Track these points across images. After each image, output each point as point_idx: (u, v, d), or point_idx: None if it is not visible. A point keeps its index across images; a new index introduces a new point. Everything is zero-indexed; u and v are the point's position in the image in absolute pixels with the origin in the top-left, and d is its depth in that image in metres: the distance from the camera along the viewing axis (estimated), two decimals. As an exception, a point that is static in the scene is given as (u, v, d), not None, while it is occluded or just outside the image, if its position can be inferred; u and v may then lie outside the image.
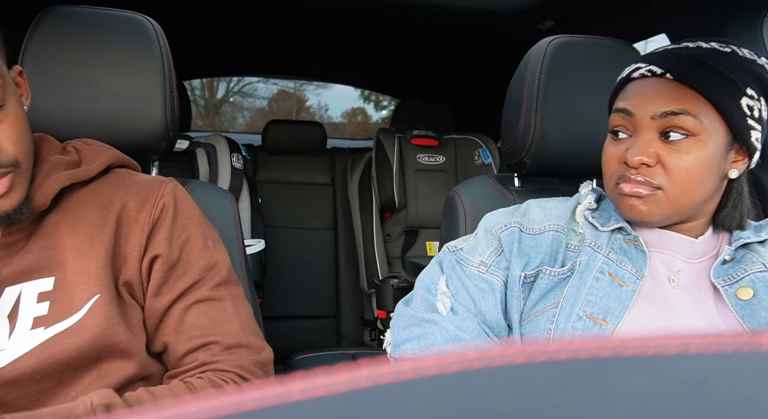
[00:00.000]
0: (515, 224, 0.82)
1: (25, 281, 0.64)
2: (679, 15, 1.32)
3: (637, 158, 0.72)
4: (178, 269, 0.71)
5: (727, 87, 0.72)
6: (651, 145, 0.73)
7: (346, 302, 2.36)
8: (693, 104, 0.72)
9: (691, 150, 0.72)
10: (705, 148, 0.72)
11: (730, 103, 0.72)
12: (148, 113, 0.96)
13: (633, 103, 0.75)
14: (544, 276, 0.78)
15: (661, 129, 0.73)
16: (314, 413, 0.14)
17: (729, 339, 0.17)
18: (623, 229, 0.79)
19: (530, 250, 0.80)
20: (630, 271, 0.75)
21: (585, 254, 0.77)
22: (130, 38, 0.96)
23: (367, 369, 0.16)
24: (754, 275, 0.73)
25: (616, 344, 0.17)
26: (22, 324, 0.62)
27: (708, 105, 0.72)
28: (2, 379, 0.59)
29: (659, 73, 0.74)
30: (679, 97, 0.72)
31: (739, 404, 0.15)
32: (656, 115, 0.72)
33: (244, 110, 7.34)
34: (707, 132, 0.72)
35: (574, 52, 1.05)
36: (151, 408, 0.15)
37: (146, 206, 0.71)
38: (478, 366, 0.16)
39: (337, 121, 7.36)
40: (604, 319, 0.72)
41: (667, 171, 0.72)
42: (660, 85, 0.74)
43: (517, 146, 1.06)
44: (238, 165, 2.00)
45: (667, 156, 0.72)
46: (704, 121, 0.72)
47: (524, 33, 1.72)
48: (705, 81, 0.72)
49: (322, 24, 2.00)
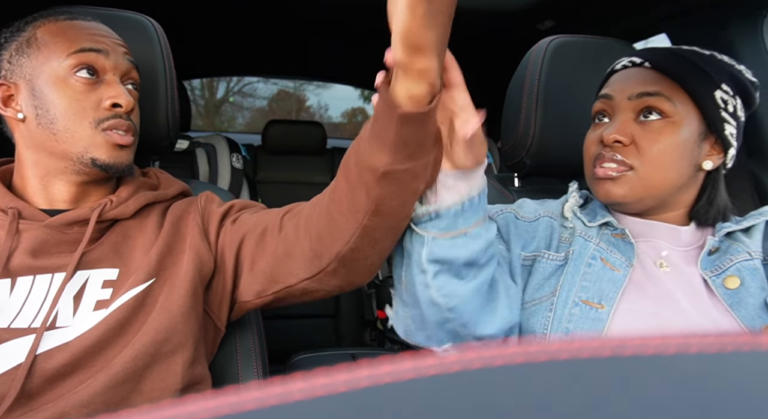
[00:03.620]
0: (510, 211, 0.85)
1: (94, 268, 0.73)
2: (679, 15, 1.32)
3: (612, 135, 0.76)
4: (245, 207, 0.83)
5: (702, 78, 0.76)
6: (627, 125, 0.77)
7: (346, 302, 2.36)
8: (668, 89, 0.76)
9: (664, 131, 0.75)
10: (678, 132, 0.76)
11: (704, 93, 0.76)
12: (148, 112, 0.96)
13: (613, 88, 0.81)
14: (542, 260, 0.80)
15: (637, 110, 0.77)
16: (314, 413, 0.14)
17: (729, 339, 0.17)
18: (610, 223, 0.81)
19: (527, 234, 0.82)
20: (620, 259, 0.77)
21: (577, 243, 0.79)
22: (131, 38, 0.96)
23: (367, 369, 0.16)
24: (740, 264, 0.75)
25: (616, 343, 0.17)
26: (85, 305, 0.71)
27: (683, 93, 0.76)
28: (70, 351, 0.67)
29: (639, 62, 0.81)
30: (656, 81, 0.77)
31: (739, 403, 0.15)
32: (633, 95, 0.77)
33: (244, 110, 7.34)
34: (680, 116, 0.76)
35: (574, 52, 1.05)
36: (151, 408, 0.15)
37: (193, 204, 0.84)
38: (478, 366, 0.16)
39: (337, 121, 7.36)
40: (599, 302, 0.74)
41: (639, 150, 0.76)
42: (639, 71, 0.80)
43: (517, 146, 1.06)
44: (238, 165, 1.99)
45: (640, 136, 0.76)
46: (678, 105, 0.76)
47: (524, 33, 1.72)
48: (681, 70, 0.77)
49: (322, 24, 2.00)
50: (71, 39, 0.75)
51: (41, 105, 0.74)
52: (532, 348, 0.16)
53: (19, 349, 0.66)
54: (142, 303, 0.73)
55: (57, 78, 0.74)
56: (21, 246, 0.71)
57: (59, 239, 0.74)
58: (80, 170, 0.76)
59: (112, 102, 0.75)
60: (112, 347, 0.70)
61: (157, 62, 0.96)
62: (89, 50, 0.75)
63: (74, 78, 0.74)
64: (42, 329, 0.67)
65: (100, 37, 0.77)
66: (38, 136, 0.75)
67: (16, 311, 0.68)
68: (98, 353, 0.69)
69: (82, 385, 0.67)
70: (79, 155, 0.74)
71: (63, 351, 0.67)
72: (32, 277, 0.70)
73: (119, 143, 0.76)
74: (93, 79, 0.75)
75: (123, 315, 0.71)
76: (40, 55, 0.74)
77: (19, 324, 0.68)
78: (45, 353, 0.66)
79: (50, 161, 0.76)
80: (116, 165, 0.76)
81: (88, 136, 0.74)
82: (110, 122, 0.75)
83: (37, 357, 0.66)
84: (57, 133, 0.74)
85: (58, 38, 0.75)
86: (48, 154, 0.75)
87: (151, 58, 0.96)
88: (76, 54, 0.74)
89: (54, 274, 0.71)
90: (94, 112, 0.74)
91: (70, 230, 0.75)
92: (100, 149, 0.75)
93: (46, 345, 0.67)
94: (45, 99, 0.74)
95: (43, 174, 0.77)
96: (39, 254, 0.72)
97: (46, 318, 0.68)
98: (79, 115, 0.74)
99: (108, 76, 0.76)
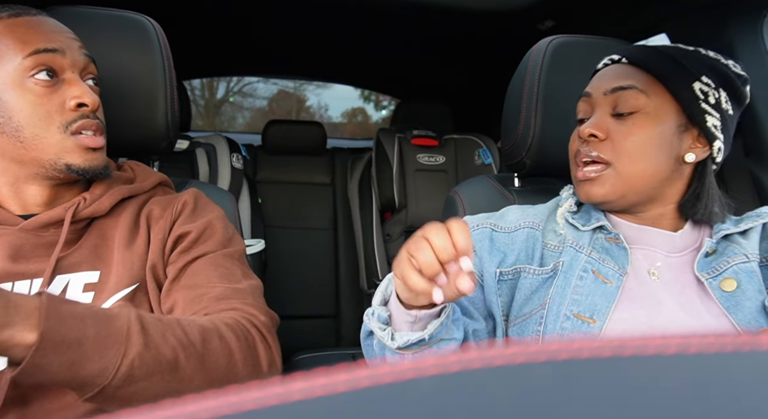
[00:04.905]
0: (487, 226, 0.84)
1: (74, 272, 0.72)
2: (679, 15, 1.32)
3: (587, 129, 0.78)
4: (200, 240, 0.78)
5: (678, 70, 0.77)
6: (603, 120, 0.78)
7: (346, 302, 2.36)
8: (643, 82, 0.77)
9: (638, 124, 0.76)
10: (654, 124, 0.76)
11: (680, 84, 0.76)
12: (148, 112, 0.96)
13: (592, 85, 0.83)
14: (528, 276, 0.79)
15: (613, 105, 0.78)
16: (314, 413, 0.14)
17: (729, 339, 0.17)
18: (604, 227, 0.80)
19: (505, 247, 0.82)
20: (613, 268, 0.76)
21: (567, 254, 0.78)
22: (131, 38, 0.96)
23: (367, 369, 0.16)
24: (737, 267, 0.74)
25: (616, 344, 0.17)
26: None
27: (659, 86, 0.77)
28: None
29: (617, 59, 0.83)
30: (630, 75, 0.78)
31: (738, 403, 0.15)
32: (608, 90, 0.79)
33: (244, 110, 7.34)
34: (655, 108, 0.76)
35: (574, 52, 1.05)
36: (151, 408, 0.15)
37: (168, 207, 0.81)
38: (478, 366, 0.16)
39: (337, 121, 7.36)
40: (591, 317, 0.73)
41: (614, 145, 0.76)
42: (615, 67, 0.82)
43: (517, 146, 1.06)
44: (238, 165, 2.00)
45: (615, 131, 0.77)
46: (653, 97, 0.76)
47: (524, 33, 1.72)
48: (657, 64, 0.78)
49: (322, 24, 2.00)
50: (23, 40, 0.71)
51: (2, 113, 0.71)
52: (532, 348, 0.16)
53: None
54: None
55: (14, 83, 0.70)
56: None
57: (35, 242, 0.72)
58: (53, 176, 0.74)
59: (76, 102, 0.72)
60: None
61: (157, 62, 0.96)
62: (45, 51, 0.71)
63: (33, 81, 0.71)
64: None
65: (52, 34, 0.74)
66: (4, 144, 0.72)
67: None
68: None
69: (77, 401, 0.66)
70: (51, 162, 0.72)
71: None
72: (11, 284, 0.69)
73: (91, 146, 0.74)
74: (52, 81, 0.72)
75: None
76: None
77: None
78: None
79: (19, 169, 0.73)
80: (92, 168, 0.74)
81: (57, 141, 0.72)
82: (78, 124, 0.73)
83: None
84: (24, 141, 0.71)
85: (9, 40, 0.71)
86: (16, 162, 0.73)
87: (150, 58, 0.96)
88: (32, 56, 0.71)
89: (33, 280, 0.70)
90: (59, 115, 0.72)
91: (46, 233, 0.73)
92: (73, 154, 0.73)
93: None
94: (5, 106, 0.71)
95: (12, 181, 0.74)
96: (16, 260, 0.70)
97: None
98: (45, 120, 0.71)
99: (67, 75, 0.73)
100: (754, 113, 1.16)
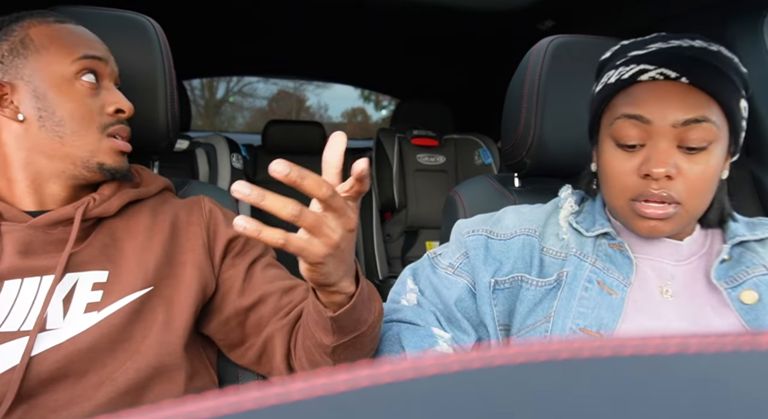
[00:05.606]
0: (483, 232, 0.82)
1: (83, 270, 0.73)
2: (679, 15, 1.32)
3: (663, 169, 0.67)
4: (249, 244, 0.86)
5: (731, 88, 0.69)
6: (671, 155, 0.68)
7: (346, 302, 2.35)
8: (710, 110, 0.68)
9: (711, 160, 0.68)
10: (715, 154, 0.69)
11: (735, 105, 0.69)
12: (148, 112, 0.96)
13: (650, 110, 0.69)
14: (530, 288, 0.76)
15: (680, 137, 0.68)
16: (314, 413, 0.14)
17: (729, 339, 0.17)
18: (608, 234, 0.77)
19: (501, 255, 0.79)
20: (617, 279, 0.74)
21: (571, 264, 0.76)
22: (131, 38, 0.96)
23: (367, 369, 0.16)
24: (757, 279, 0.71)
25: (616, 343, 0.17)
26: (75, 307, 0.71)
27: (719, 109, 0.69)
28: (63, 353, 0.68)
29: (674, 77, 0.69)
30: (697, 103, 0.68)
31: (738, 403, 0.15)
32: (678, 123, 0.68)
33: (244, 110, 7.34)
34: (720, 138, 0.69)
35: (574, 52, 1.05)
36: (151, 408, 0.15)
37: (195, 213, 0.85)
38: (478, 366, 0.16)
39: (337, 121, 7.36)
40: (598, 331, 0.71)
41: (687, 183, 0.68)
42: (676, 89, 0.69)
43: (517, 146, 1.06)
44: (238, 165, 2.00)
45: (686, 167, 0.68)
46: (721, 127, 0.69)
47: (524, 33, 1.72)
48: (717, 85, 0.69)
49: (322, 24, 2.00)
50: (73, 44, 0.77)
51: (46, 108, 0.74)
52: (532, 347, 0.16)
53: (11, 352, 0.66)
54: (138, 312, 0.73)
55: (63, 81, 0.75)
56: (5, 249, 0.71)
57: (44, 239, 0.73)
58: (80, 174, 0.77)
59: (115, 108, 0.78)
60: (110, 356, 0.70)
61: (157, 62, 0.96)
62: (92, 57, 0.77)
63: (80, 82, 0.76)
64: (35, 331, 0.67)
65: (96, 43, 0.80)
66: (39, 138, 0.74)
67: (5, 314, 0.68)
68: (93, 359, 0.69)
69: (85, 397, 0.67)
70: (84, 160, 0.76)
71: (55, 352, 0.67)
72: (20, 280, 0.70)
73: (122, 149, 0.79)
74: (96, 84, 0.78)
75: (119, 321, 0.71)
76: (40, 58, 0.74)
77: (8, 327, 0.68)
78: (38, 355, 0.67)
79: (47, 163, 0.75)
80: (121, 170, 0.79)
81: (94, 140, 0.76)
82: (115, 128, 0.78)
83: (31, 359, 0.66)
84: (64, 136, 0.74)
85: (59, 43, 0.76)
86: (47, 156, 0.75)
87: (150, 58, 0.96)
88: (81, 60, 0.76)
89: (42, 277, 0.71)
90: (99, 116, 0.77)
91: (54, 230, 0.74)
92: (107, 154, 0.77)
93: (39, 347, 0.67)
94: (50, 102, 0.74)
95: (34, 177, 0.76)
96: (25, 256, 0.71)
97: (38, 320, 0.68)
98: (86, 119, 0.75)
99: (106, 83, 0.79)
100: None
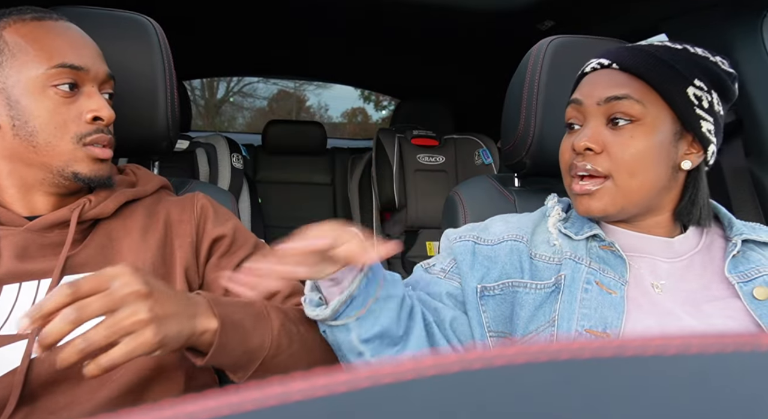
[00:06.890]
0: (470, 238, 0.82)
1: (81, 272, 0.72)
2: (679, 15, 1.32)
3: (582, 142, 0.74)
4: (237, 243, 0.83)
5: (672, 75, 0.74)
6: (598, 131, 0.75)
7: (346, 302, 2.35)
8: (637, 90, 0.74)
9: (636, 135, 0.73)
10: (651, 134, 0.73)
11: (674, 91, 0.73)
12: (148, 112, 0.96)
13: (582, 92, 0.78)
14: (529, 291, 0.76)
15: (607, 115, 0.75)
16: (314, 413, 0.14)
17: (729, 339, 0.17)
18: (597, 236, 0.78)
19: (488, 261, 0.80)
20: (614, 278, 0.75)
21: (568, 267, 0.76)
22: (131, 38, 0.96)
23: (367, 369, 0.16)
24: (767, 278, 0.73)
25: (617, 344, 0.17)
26: None
27: (653, 92, 0.74)
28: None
29: (606, 64, 0.78)
30: (624, 84, 0.75)
31: (739, 403, 0.15)
32: (601, 100, 0.75)
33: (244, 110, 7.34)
34: (652, 117, 0.73)
35: (574, 52, 1.05)
36: (151, 408, 0.15)
37: (186, 210, 0.83)
38: (478, 366, 0.16)
39: (337, 121, 7.36)
40: (604, 331, 0.71)
41: (612, 158, 0.73)
42: (607, 74, 0.77)
43: (517, 146, 1.06)
44: (238, 165, 2.00)
45: (612, 143, 0.74)
46: (648, 107, 0.73)
47: (524, 33, 1.72)
48: (648, 69, 0.74)
49: (322, 24, 2.00)
50: (51, 49, 0.72)
51: (18, 116, 0.71)
52: (532, 348, 0.16)
53: (12, 355, 0.66)
54: None
55: (35, 88, 0.71)
56: (2, 253, 0.70)
57: (41, 243, 0.72)
58: (59, 182, 0.75)
59: (93, 115, 0.74)
60: None
61: (157, 62, 0.96)
62: (71, 67, 0.72)
63: (53, 90, 0.72)
64: (34, 334, 0.66)
65: (80, 49, 0.75)
66: (15, 146, 0.72)
67: (4, 318, 0.68)
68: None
69: (85, 397, 0.67)
70: (59, 169, 0.73)
71: (56, 353, 0.67)
72: (18, 284, 0.69)
73: (100, 157, 0.75)
74: (72, 92, 0.73)
75: None
76: (14, 62, 0.71)
77: (7, 331, 0.67)
78: (38, 357, 0.66)
79: (28, 172, 0.74)
80: (97, 178, 0.76)
81: (69, 151, 0.73)
82: (92, 137, 0.74)
83: (31, 362, 0.66)
84: (37, 145, 0.72)
85: (35, 45, 0.72)
86: (25, 164, 0.73)
87: (150, 58, 0.96)
88: (58, 69, 0.71)
89: (40, 280, 0.70)
90: (75, 126, 0.73)
91: (51, 233, 0.74)
92: (82, 163, 0.74)
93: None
94: (23, 110, 0.71)
95: (20, 184, 0.75)
96: (23, 260, 0.70)
97: None
98: (60, 128, 0.72)
99: (86, 88, 0.74)
100: (754, 113, 1.16)
